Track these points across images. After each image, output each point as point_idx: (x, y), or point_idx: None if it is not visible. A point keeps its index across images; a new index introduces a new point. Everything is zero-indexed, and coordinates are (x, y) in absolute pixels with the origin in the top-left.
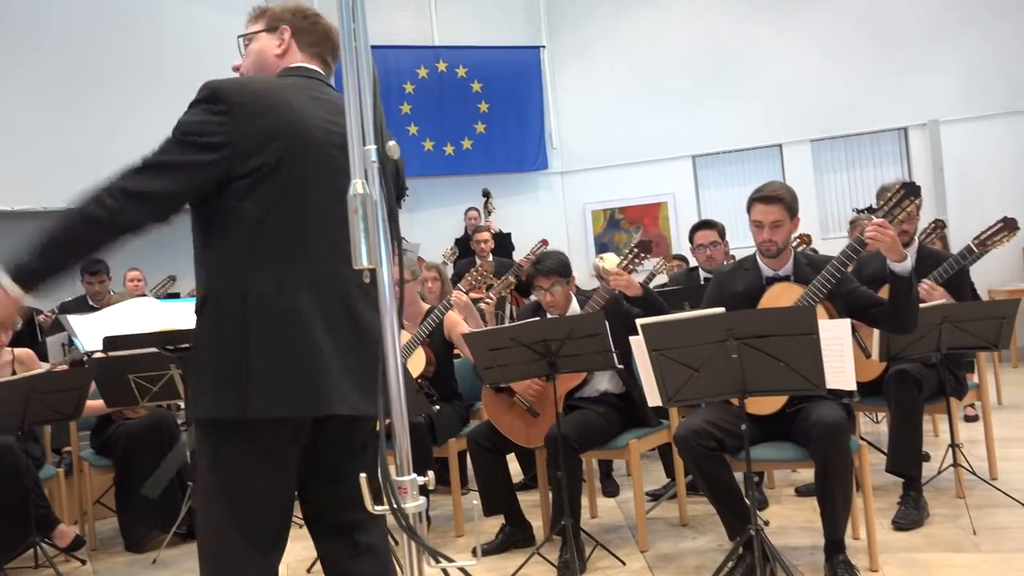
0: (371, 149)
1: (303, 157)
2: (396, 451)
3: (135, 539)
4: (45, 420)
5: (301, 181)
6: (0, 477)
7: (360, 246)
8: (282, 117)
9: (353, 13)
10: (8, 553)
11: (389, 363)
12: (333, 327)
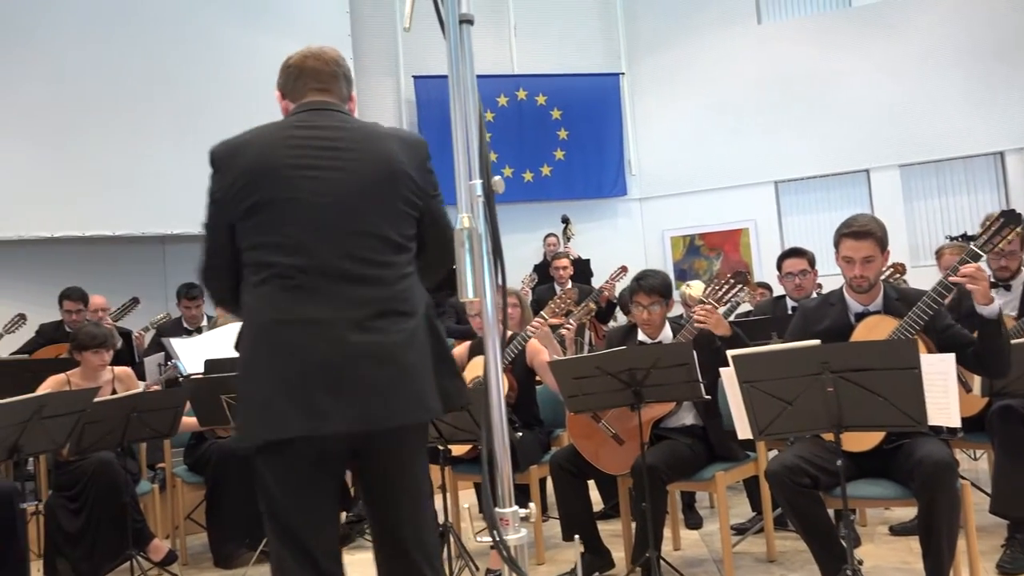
0: (477, 184)
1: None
2: (498, 483)
3: (224, 555)
4: (143, 437)
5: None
6: (101, 492)
7: (466, 279)
8: (249, 155)
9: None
10: (107, 565)
11: (492, 396)
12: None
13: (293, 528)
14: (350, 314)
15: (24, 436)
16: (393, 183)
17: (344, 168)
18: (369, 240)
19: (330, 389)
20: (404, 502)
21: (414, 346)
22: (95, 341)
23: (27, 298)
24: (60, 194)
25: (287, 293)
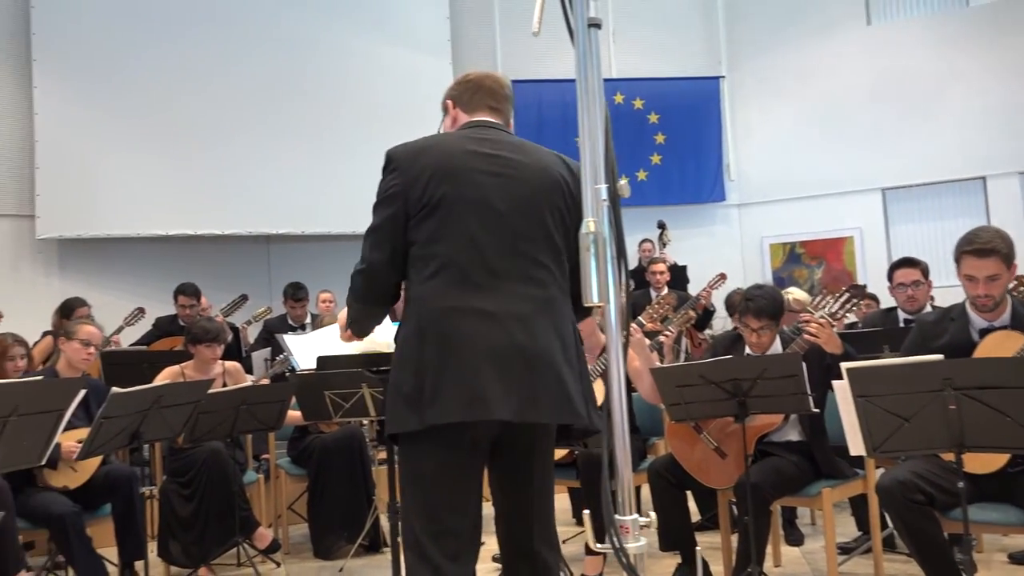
0: (602, 188)
1: (455, 187)
2: (619, 489)
3: (324, 547)
4: (250, 429)
5: (455, 214)
6: (212, 479)
7: (591, 283)
8: (434, 153)
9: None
10: (215, 549)
11: (614, 400)
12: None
13: (440, 516)
14: (516, 309)
15: (145, 424)
16: (554, 195)
17: (515, 177)
18: (533, 243)
19: (496, 378)
20: (536, 498)
21: (568, 353)
22: (208, 335)
23: (145, 293)
24: (174, 195)
25: (460, 286)
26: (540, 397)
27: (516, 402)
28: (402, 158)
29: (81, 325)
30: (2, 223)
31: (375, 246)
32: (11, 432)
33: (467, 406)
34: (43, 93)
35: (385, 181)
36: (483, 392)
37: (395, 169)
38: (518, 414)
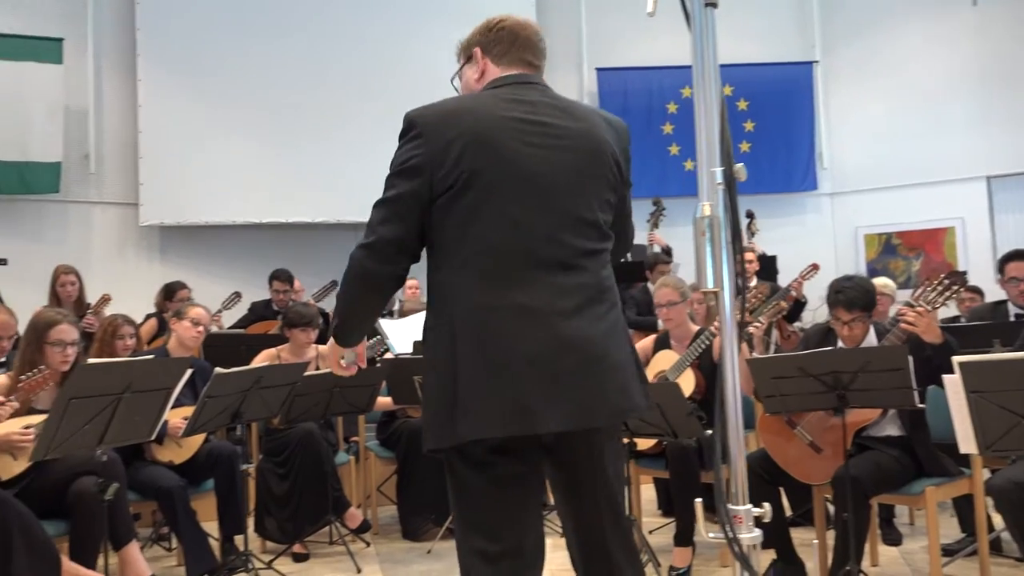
0: (717, 171)
1: (491, 163)
2: (732, 480)
3: (412, 529)
4: (342, 412)
5: (492, 192)
6: (306, 459)
7: (706, 268)
8: (466, 122)
9: (705, 38)
10: (308, 527)
11: (727, 389)
12: (537, 344)
13: (496, 535)
14: (561, 303)
15: (245, 403)
16: (602, 167)
17: (559, 147)
18: (580, 225)
19: (540, 385)
20: (603, 500)
21: (617, 338)
22: (304, 320)
23: (241, 278)
24: (268, 185)
25: (497, 278)
26: (593, 399)
27: (566, 409)
28: (427, 123)
29: (192, 306)
30: (108, 211)
31: (387, 220)
32: (124, 408)
33: (509, 419)
34: (146, 86)
35: (405, 149)
36: (526, 402)
37: (419, 136)
38: (569, 422)
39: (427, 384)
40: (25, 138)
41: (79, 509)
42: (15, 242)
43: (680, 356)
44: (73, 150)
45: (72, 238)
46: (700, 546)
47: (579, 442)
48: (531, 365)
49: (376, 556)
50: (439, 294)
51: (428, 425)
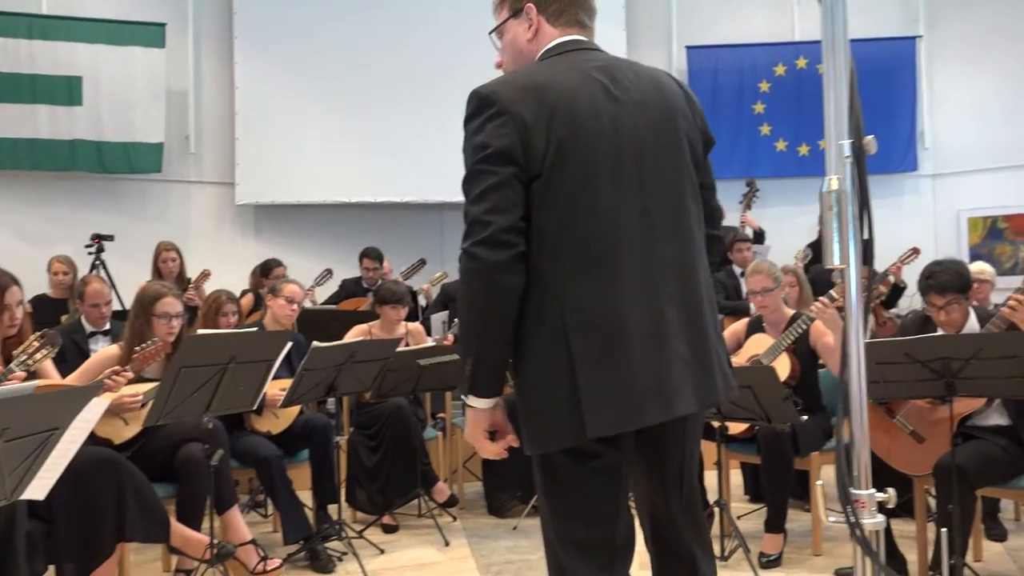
0: (845, 144)
1: (585, 147)
2: (855, 463)
3: (497, 505)
4: (431, 388)
5: (586, 172)
6: (396, 433)
7: (832, 245)
8: (554, 107)
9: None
10: (397, 500)
11: (852, 373)
12: (646, 330)
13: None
14: (664, 282)
15: (340, 377)
16: (684, 135)
17: (646, 115)
18: (675, 197)
19: (652, 373)
20: (681, 484)
21: (713, 317)
22: (394, 297)
23: (332, 255)
24: (357, 165)
25: (599, 262)
26: (706, 381)
27: (687, 393)
28: (508, 101)
29: (286, 283)
30: (206, 190)
31: (496, 209)
32: (229, 378)
33: (627, 412)
34: (243, 68)
35: (488, 130)
36: (656, 388)
37: (502, 113)
38: (691, 406)
39: (528, 383)
40: (130, 120)
41: (186, 473)
42: (121, 219)
43: (774, 341)
44: (174, 131)
45: (173, 216)
46: (791, 533)
47: (673, 426)
48: (650, 351)
49: (463, 530)
50: (539, 285)
51: (534, 426)
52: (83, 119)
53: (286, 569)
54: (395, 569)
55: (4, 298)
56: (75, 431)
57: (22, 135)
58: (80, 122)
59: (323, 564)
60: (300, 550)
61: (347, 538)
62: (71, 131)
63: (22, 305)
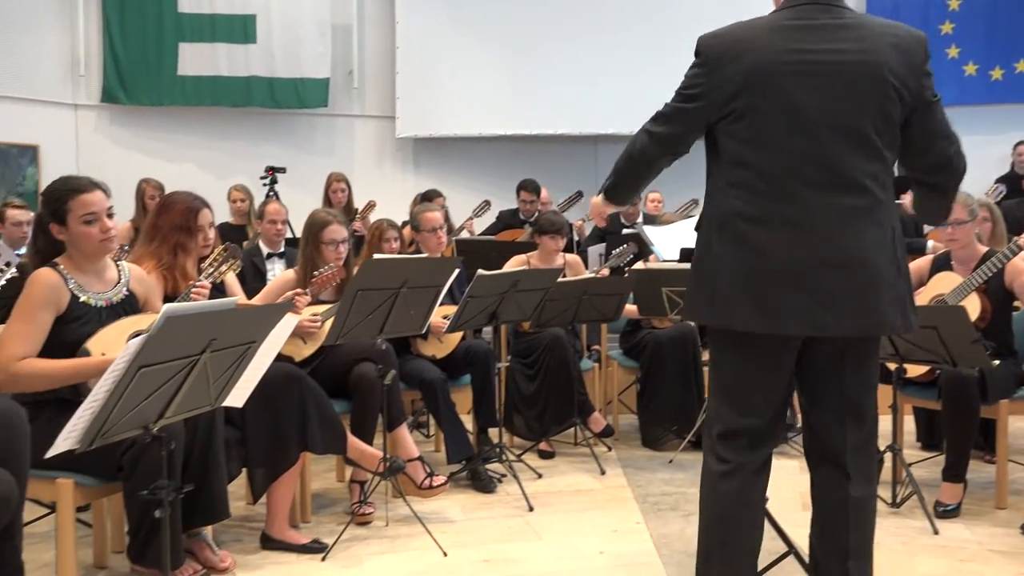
0: None
1: (765, 97)
2: None
3: (652, 438)
4: (590, 319)
5: (765, 119)
6: (553, 363)
7: None
8: (746, 60)
9: None
10: (554, 428)
11: None
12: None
13: (733, 414)
14: (820, 222)
15: (502, 305)
16: (877, 91)
17: (832, 75)
18: (849, 149)
19: (786, 291)
20: (843, 410)
21: (879, 258)
22: (554, 227)
23: (489, 187)
24: (513, 98)
25: (765, 195)
26: (841, 308)
27: (806, 314)
28: (712, 54)
29: (422, 214)
30: (368, 124)
31: (667, 121)
32: (401, 302)
33: (755, 316)
34: (403, 3)
35: (690, 76)
36: (772, 303)
37: (703, 65)
38: (807, 326)
39: (693, 271)
40: (299, 56)
41: (360, 391)
42: (291, 152)
43: (963, 279)
44: (339, 67)
45: (338, 149)
46: (972, 484)
47: (823, 349)
48: (779, 273)
49: (618, 460)
50: (709, 204)
51: (690, 301)
52: (257, 56)
53: (450, 487)
54: (553, 493)
55: (198, 219)
56: (269, 345)
57: (204, 73)
58: (254, 59)
59: (484, 484)
60: (462, 470)
61: (507, 461)
62: (247, 68)
63: (213, 227)
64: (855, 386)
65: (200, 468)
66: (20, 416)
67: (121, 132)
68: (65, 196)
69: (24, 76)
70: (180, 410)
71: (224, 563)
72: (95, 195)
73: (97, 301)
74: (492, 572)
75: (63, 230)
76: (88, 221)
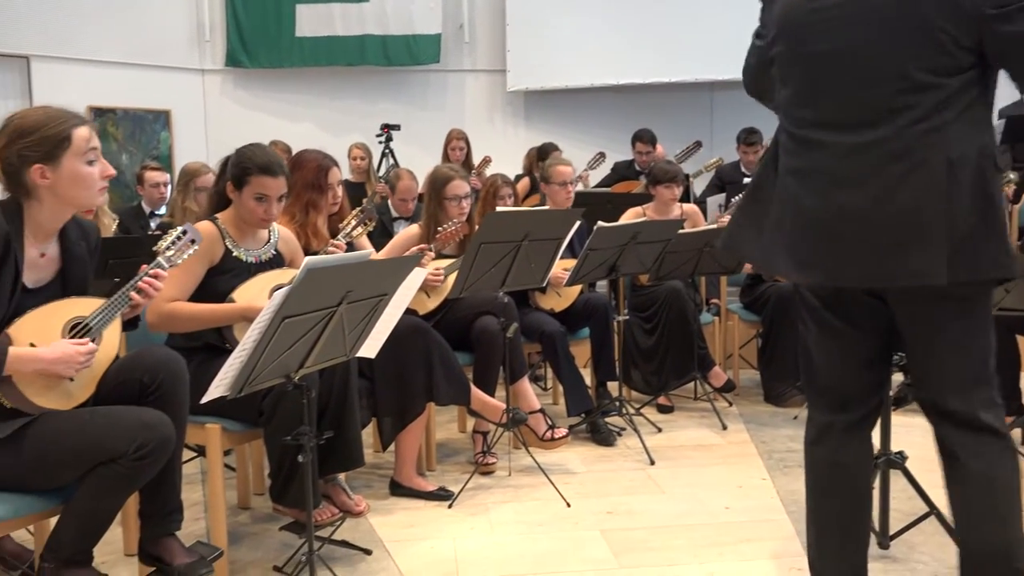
0: None
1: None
2: None
3: (775, 394)
4: (710, 272)
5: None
6: (672, 316)
7: None
8: (778, 13)
9: None
10: (673, 382)
11: None
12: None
13: (816, 374)
14: (844, 166)
15: (622, 258)
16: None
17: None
18: (882, 86)
19: (813, 242)
20: (935, 363)
21: (921, 201)
22: (668, 176)
23: (602, 139)
24: (624, 46)
25: (793, 144)
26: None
27: (827, 265)
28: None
29: (554, 167)
30: (479, 77)
31: (748, 55)
32: (523, 254)
33: (788, 265)
34: None
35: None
36: (799, 254)
37: (761, 7)
38: (828, 276)
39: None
40: (410, 13)
41: (482, 344)
42: (405, 109)
43: None
44: (450, 21)
45: (450, 104)
46: None
47: (898, 300)
48: (806, 223)
49: (740, 416)
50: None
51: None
52: (370, 15)
53: (570, 439)
54: (675, 448)
55: (328, 177)
56: (399, 298)
57: (320, 33)
58: (368, 18)
59: (604, 437)
60: (582, 422)
61: (627, 415)
62: (361, 27)
63: (341, 184)
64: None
65: (336, 416)
66: (181, 365)
67: (244, 95)
68: (251, 170)
69: (154, 45)
70: (319, 360)
71: (359, 507)
72: (276, 181)
73: (248, 257)
74: (616, 523)
75: (236, 193)
76: (259, 199)
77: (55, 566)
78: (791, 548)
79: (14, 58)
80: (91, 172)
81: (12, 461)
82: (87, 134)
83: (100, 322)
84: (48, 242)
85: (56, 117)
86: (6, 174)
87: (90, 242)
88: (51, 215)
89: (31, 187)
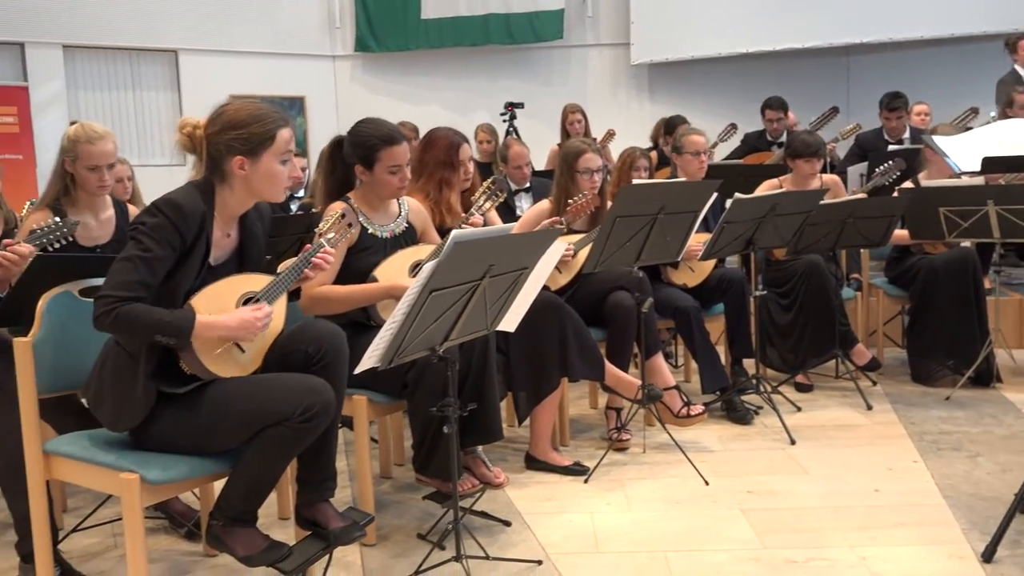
0: None
1: None
2: None
3: (924, 374)
4: (854, 244)
5: None
6: (811, 291)
7: None
8: None
9: None
10: (812, 360)
11: None
12: None
13: None
14: None
15: (759, 231)
16: None
17: None
18: None
19: None
20: None
21: None
22: (809, 149)
23: (729, 110)
24: (752, 12)
25: None
26: None
27: None
28: None
29: (687, 136)
30: (603, 52)
31: None
32: (658, 228)
33: None
34: None
35: None
36: None
37: None
38: None
39: None
40: None
41: (616, 319)
42: (528, 86)
43: None
44: None
45: (572, 80)
46: None
47: None
48: None
49: (886, 396)
50: None
51: None
52: None
53: (706, 417)
54: (816, 427)
55: (459, 154)
56: (539, 271)
57: (445, 15)
58: None
59: (740, 415)
60: (717, 400)
61: (764, 392)
62: (484, 6)
63: (472, 161)
64: None
65: (476, 389)
66: (343, 337)
67: (373, 79)
68: (377, 146)
69: (288, 34)
70: (462, 333)
71: (499, 479)
72: (402, 148)
73: (382, 232)
74: (758, 503)
75: (367, 173)
76: (393, 171)
77: (224, 523)
78: (950, 534)
79: (164, 52)
80: (283, 171)
81: (189, 423)
82: (288, 136)
83: (270, 297)
84: (232, 224)
85: (266, 116)
86: (210, 157)
87: (264, 222)
88: (239, 202)
89: (227, 174)
